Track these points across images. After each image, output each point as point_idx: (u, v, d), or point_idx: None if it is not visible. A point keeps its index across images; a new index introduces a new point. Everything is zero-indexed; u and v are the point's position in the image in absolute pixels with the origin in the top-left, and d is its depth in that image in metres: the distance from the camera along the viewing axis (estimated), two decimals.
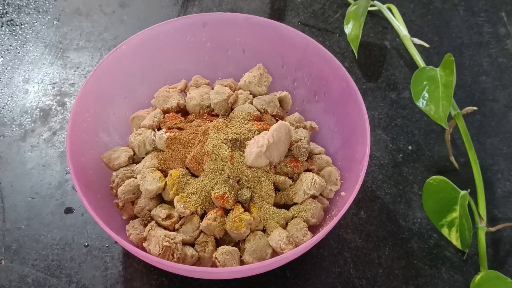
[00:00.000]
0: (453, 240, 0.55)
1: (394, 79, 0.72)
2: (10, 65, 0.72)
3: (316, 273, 0.55)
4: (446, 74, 0.59)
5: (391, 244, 0.58)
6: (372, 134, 0.66)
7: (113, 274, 0.54)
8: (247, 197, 0.50)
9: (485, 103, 0.70)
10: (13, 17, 0.77)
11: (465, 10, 0.81)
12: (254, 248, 0.48)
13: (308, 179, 0.52)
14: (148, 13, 0.79)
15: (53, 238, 0.56)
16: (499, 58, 0.75)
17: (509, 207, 0.61)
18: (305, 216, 0.51)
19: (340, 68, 0.55)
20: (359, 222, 0.59)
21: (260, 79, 0.59)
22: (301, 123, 0.58)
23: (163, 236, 0.47)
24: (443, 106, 0.57)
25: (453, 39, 0.77)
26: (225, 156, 0.50)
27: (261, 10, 0.80)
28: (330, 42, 0.76)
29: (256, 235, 0.49)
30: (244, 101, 0.57)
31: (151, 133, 0.54)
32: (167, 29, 0.59)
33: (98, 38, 0.75)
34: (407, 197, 0.61)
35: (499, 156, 0.65)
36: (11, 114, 0.67)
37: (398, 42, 0.76)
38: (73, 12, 0.79)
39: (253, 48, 0.62)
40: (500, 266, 0.56)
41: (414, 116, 0.68)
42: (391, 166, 0.64)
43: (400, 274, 0.55)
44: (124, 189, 0.51)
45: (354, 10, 0.72)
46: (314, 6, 0.81)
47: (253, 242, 0.49)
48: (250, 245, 0.49)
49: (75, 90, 0.69)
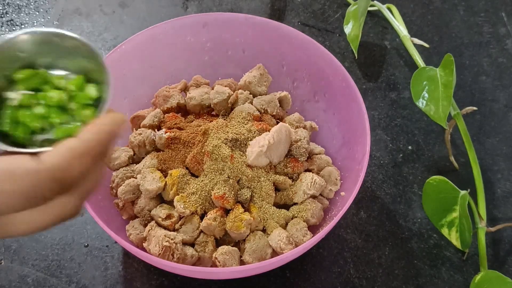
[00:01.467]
0: (453, 240, 0.55)
1: (394, 79, 0.72)
2: None
3: (316, 273, 0.55)
4: (446, 74, 0.59)
5: (391, 244, 0.58)
6: (372, 134, 0.66)
7: (113, 274, 0.54)
8: (247, 197, 0.50)
9: (485, 103, 0.70)
10: (13, 17, 0.77)
11: (465, 10, 0.81)
12: (254, 248, 0.48)
13: (308, 179, 0.52)
14: (148, 13, 0.79)
15: (53, 238, 0.56)
16: (499, 58, 0.75)
17: (509, 207, 0.61)
18: (305, 216, 0.51)
19: (340, 68, 0.55)
20: (359, 222, 0.59)
21: (260, 79, 0.59)
22: (301, 123, 0.58)
23: (163, 236, 0.47)
24: (443, 106, 0.57)
25: (453, 39, 0.77)
26: (225, 156, 0.50)
27: (261, 10, 0.80)
28: (330, 42, 0.76)
29: (256, 235, 0.49)
30: (244, 101, 0.57)
31: (151, 133, 0.54)
32: (167, 29, 0.59)
33: (98, 38, 0.75)
34: (407, 197, 0.61)
35: (499, 156, 0.65)
36: None
37: (398, 42, 0.76)
38: (73, 12, 0.79)
39: (253, 48, 0.62)
40: (500, 266, 0.56)
41: (414, 116, 0.68)
42: (391, 166, 0.64)
43: (400, 274, 0.55)
44: (124, 189, 0.51)
45: (354, 10, 0.72)
46: (314, 6, 0.81)
47: (253, 242, 0.49)
48: (250, 245, 0.49)
49: None
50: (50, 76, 0.30)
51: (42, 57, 0.30)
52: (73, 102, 0.30)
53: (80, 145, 0.26)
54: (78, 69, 0.31)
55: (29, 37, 0.29)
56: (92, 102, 0.30)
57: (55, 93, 0.29)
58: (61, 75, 0.31)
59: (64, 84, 0.30)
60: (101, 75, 0.30)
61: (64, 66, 0.31)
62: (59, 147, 0.26)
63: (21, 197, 0.24)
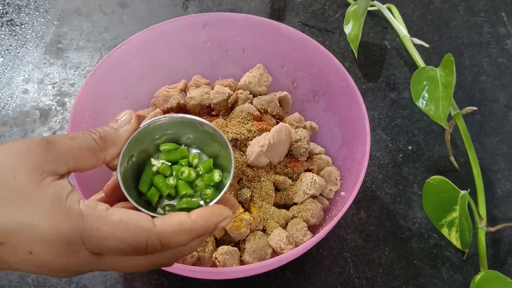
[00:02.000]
0: (453, 240, 0.55)
1: (394, 79, 0.72)
2: (10, 65, 0.72)
3: (316, 273, 0.55)
4: (446, 74, 0.59)
5: (391, 244, 0.58)
6: (372, 134, 0.66)
7: (113, 274, 0.54)
8: (247, 197, 0.50)
9: (485, 103, 0.70)
10: (13, 17, 0.77)
11: (465, 10, 0.81)
12: (254, 248, 0.48)
13: (308, 179, 0.52)
14: (148, 13, 0.79)
15: None
16: (499, 58, 0.75)
17: (509, 207, 0.61)
18: (305, 216, 0.51)
19: (340, 68, 0.55)
20: (359, 222, 0.59)
21: (260, 79, 0.59)
22: (301, 123, 0.58)
23: None
24: (443, 106, 0.57)
25: (453, 39, 0.77)
26: None
27: (261, 10, 0.80)
28: (330, 42, 0.76)
29: (256, 235, 0.49)
30: (244, 101, 0.57)
31: None
32: (167, 29, 0.59)
33: (98, 38, 0.75)
34: (407, 197, 0.61)
35: (499, 156, 0.65)
36: (11, 114, 0.66)
37: (398, 42, 0.76)
38: (73, 12, 0.79)
39: (253, 48, 0.62)
40: (500, 266, 0.56)
41: (414, 116, 0.68)
42: (391, 166, 0.64)
43: (400, 274, 0.55)
44: None
45: (354, 10, 0.72)
46: (314, 6, 0.81)
47: (253, 242, 0.49)
48: (250, 245, 0.49)
49: (75, 90, 0.69)
50: (187, 154, 0.37)
51: (185, 135, 0.37)
52: (199, 180, 0.36)
53: (188, 223, 0.31)
54: (210, 152, 0.37)
55: (178, 119, 0.36)
56: (214, 183, 0.36)
57: (186, 170, 0.35)
58: (196, 154, 0.37)
59: (196, 163, 0.36)
60: (227, 163, 0.35)
61: (200, 146, 0.37)
62: (173, 218, 0.31)
63: (130, 247, 0.29)
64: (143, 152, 0.36)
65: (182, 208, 0.35)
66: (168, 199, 0.36)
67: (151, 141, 0.36)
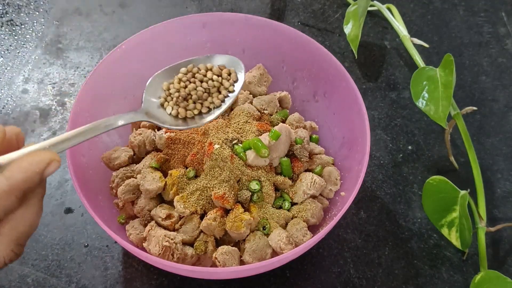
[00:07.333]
0: (453, 240, 0.55)
1: (394, 79, 0.72)
2: (10, 65, 0.72)
3: (316, 273, 0.55)
4: (445, 74, 0.59)
5: (391, 244, 0.58)
6: (372, 134, 0.66)
7: (113, 274, 0.54)
8: (247, 197, 0.50)
9: (485, 103, 0.70)
10: (13, 17, 0.77)
11: (465, 10, 0.81)
12: (254, 248, 0.48)
13: (308, 179, 0.52)
14: (148, 13, 0.79)
15: (53, 238, 0.56)
16: (499, 58, 0.75)
17: (509, 207, 0.61)
18: (305, 216, 0.51)
19: (340, 68, 0.55)
20: (359, 222, 0.59)
21: (260, 79, 0.59)
22: (301, 123, 0.58)
23: (163, 236, 0.47)
24: (443, 106, 0.57)
25: (453, 39, 0.77)
26: (225, 156, 0.50)
27: (261, 10, 0.80)
28: (330, 42, 0.76)
29: (256, 235, 0.49)
30: (244, 101, 0.57)
31: (151, 133, 0.54)
32: (167, 29, 0.59)
33: (98, 38, 0.75)
34: (407, 197, 0.61)
35: (499, 156, 0.65)
36: (11, 114, 0.66)
37: (398, 42, 0.76)
38: (73, 12, 0.79)
39: (253, 48, 0.62)
40: (500, 266, 0.56)
41: (414, 116, 0.68)
42: (391, 166, 0.64)
43: (400, 274, 0.55)
44: (124, 189, 0.51)
45: (354, 10, 0.72)
46: (314, 6, 0.81)
47: (253, 242, 0.49)
48: (250, 245, 0.49)
49: (75, 90, 0.69)
50: None
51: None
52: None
53: (4, 183, 0.25)
54: None
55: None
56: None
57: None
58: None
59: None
60: None
61: None
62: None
63: None
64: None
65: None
66: None
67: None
